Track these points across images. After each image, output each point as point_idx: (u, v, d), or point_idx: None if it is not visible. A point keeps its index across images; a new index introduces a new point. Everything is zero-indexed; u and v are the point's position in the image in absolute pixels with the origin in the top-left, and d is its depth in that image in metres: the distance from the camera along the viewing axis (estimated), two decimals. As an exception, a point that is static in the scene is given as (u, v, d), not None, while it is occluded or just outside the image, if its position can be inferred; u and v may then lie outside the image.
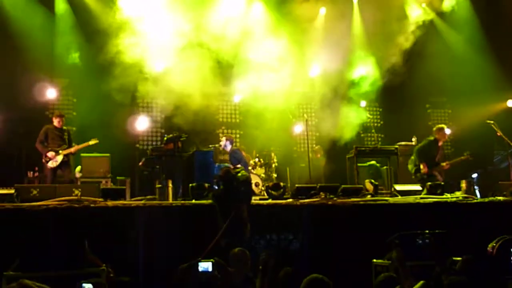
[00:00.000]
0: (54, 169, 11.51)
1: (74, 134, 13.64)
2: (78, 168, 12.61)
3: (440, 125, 12.64)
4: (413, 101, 16.30)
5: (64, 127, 11.90)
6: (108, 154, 12.89)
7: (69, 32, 14.17)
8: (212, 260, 6.39)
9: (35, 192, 9.09)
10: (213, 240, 7.57)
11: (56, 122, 11.76)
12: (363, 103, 15.74)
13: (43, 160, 11.57)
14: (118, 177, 12.59)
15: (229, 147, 12.61)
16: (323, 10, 15.69)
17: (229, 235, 7.76)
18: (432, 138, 12.15)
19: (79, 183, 11.97)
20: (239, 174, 8.33)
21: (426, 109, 17.60)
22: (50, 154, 11.48)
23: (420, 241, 6.80)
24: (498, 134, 12.23)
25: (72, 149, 11.68)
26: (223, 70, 14.35)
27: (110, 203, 8.87)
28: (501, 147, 13.69)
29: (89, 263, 6.90)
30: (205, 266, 6.27)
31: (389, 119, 16.84)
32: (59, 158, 11.51)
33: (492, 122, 12.37)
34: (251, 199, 8.68)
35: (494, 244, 5.83)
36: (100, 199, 9.00)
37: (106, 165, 12.71)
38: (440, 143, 12.17)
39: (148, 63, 14.48)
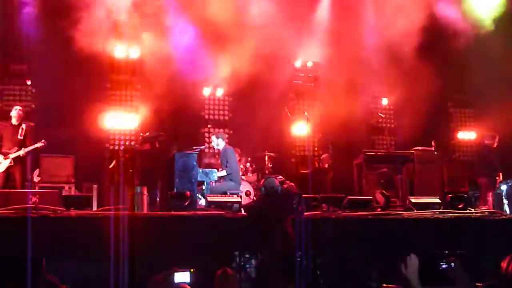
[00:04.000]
0: (4, 174, 11.43)
1: (32, 130, 13.66)
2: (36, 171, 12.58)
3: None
4: (432, 99, 16.32)
5: (22, 125, 11.79)
6: (72, 156, 12.82)
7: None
8: (190, 270, 6.42)
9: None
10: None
11: (13, 118, 11.72)
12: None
13: None
14: (84, 182, 12.55)
15: (222, 145, 12.56)
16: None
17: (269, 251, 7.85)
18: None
19: (37, 188, 11.90)
20: (286, 185, 8.48)
21: (447, 109, 17.62)
22: None
23: (445, 265, 6.81)
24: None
25: (20, 152, 11.56)
26: (209, 58, 14.39)
27: (73, 212, 8.84)
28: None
29: (46, 285, 6.86)
30: (182, 277, 6.31)
31: (403, 119, 16.85)
32: (6, 162, 11.44)
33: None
34: (300, 212, 8.79)
35: (509, 261, 5.83)
36: (62, 208, 8.96)
37: (69, 168, 12.62)
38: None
39: (121, 49, 14.58)
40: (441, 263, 7.36)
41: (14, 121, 11.74)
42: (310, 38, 15.65)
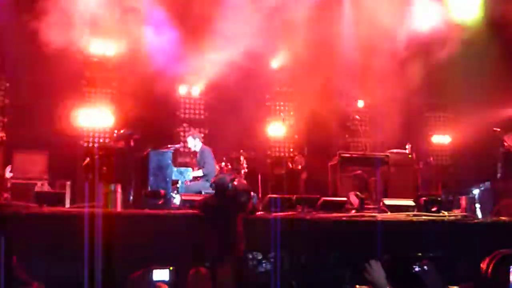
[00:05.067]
0: None
1: (4, 125, 13.54)
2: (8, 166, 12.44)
3: None
4: (408, 102, 16.44)
5: None
6: (45, 151, 12.71)
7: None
8: (169, 268, 6.39)
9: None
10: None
11: None
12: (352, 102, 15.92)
13: None
14: (57, 179, 12.44)
15: (199, 146, 12.54)
16: None
17: (220, 249, 7.81)
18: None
19: (8, 184, 11.78)
20: (236, 182, 8.44)
21: (422, 113, 17.77)
22: None
23: (418, 268, 6.85)
24: (506, 144, 12.41)
25: None
26: (187, 52, 14.35)
27: (46, 209, 8.76)
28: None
29: (17, 282, 6.80)
30: (161, 274, 6.27)
31: (379, 121, 16.95)
32: None
33: (499, 130, 12.54)
34: (250, 210, 8.74)
35: (489, 263, 5.87)
36: (34, 205, 8.88)
37: (42, 165, 12.55)
38: None
39: (97, 46, 14.50)
40: (414, 266, 7.42)
41: None
42: (287, 39, 15.66)
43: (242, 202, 8.56)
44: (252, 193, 11.85)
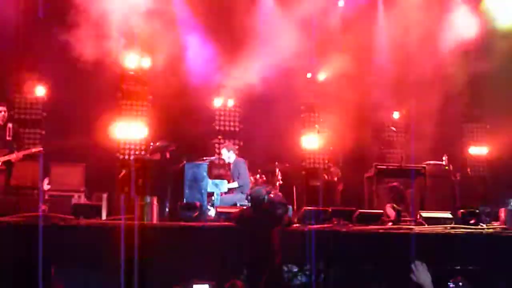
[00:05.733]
0: None
1: (42, 138, 13.74)
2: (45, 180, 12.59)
3: None
4: (445, 113, 16.28)
5: (9, 125, 11.46)
6: (82, 164, 12.86)
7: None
8: (208, 284, 6.42)
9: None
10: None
11: None
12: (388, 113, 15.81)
13: None
14: (93, 191, 12.55)
15: (233, 158, 12.58)
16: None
17: (256, 262, 7.82)
18: None
19: (46, 196, 11.92)
20: (272, 194, 8.47)
21: (459, 123, 17.56)
22: None
23: (453, 285, 6.77)
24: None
25: (12, 156, 10.95)
26: (222, 64, 14.44)
27: (83, 221, 8.84)
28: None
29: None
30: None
31: (415, 133, 16.80)
32: None
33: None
34: (286, 223, 8.74)
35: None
36: (72, 217, 8.97)
37: (79, 177, 12.67)
38: None
39: (133, 59, 14.66)
40: (449, 283, 7.34)
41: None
42: (323, 51, 15.66)
43: (279, 215, 8.56)
44: (287, 206, 11.88)
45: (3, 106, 11.29)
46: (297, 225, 9.79)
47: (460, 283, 7.14)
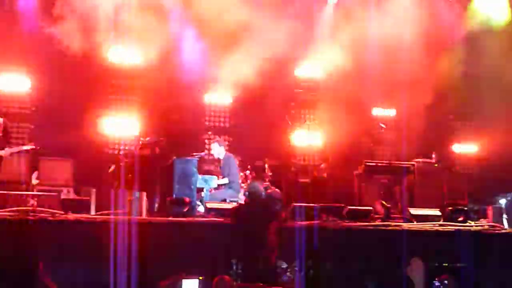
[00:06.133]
0: None
1: (31, 132, 13.67)
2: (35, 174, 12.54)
3: None
4: (434, 111, 16.32)
5: (1, 121, 11.41)
6: (71, 159, 12.81)
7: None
8: (199, 277, 6.42)
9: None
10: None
11: None
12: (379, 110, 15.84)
13: None
14: (82, 186, 12.51)
15: (223, 154, 12.59)
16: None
17: (251, 258, 7.84)
18: None
19: (35, 191, 11.87)
20: (269, 190, 8.49)
21: (448, 121, 17.61)
22: None
23: (438, 283, 6.81)
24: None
25: (2, 152, 11.02)
26: (212, 60, 14.41)
27: (71, 216, 8.83)
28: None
29: None
30: (190, 284, 6.29)
31: (405, 130, 16.84)
32: None
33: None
34: (284, 219, 8.75)
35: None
36: (60, 212, 8.95)
37: (68, 172, 12.63)
38: None
39: (123, 52, 14.62)
40: (434, 281, 7.38)
41: None
42: (313, 47, 15.66)
43: (276, 211, 8.56)
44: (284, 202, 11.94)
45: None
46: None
47: (446, 281, 7.18)
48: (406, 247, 9.09)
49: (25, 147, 11.46)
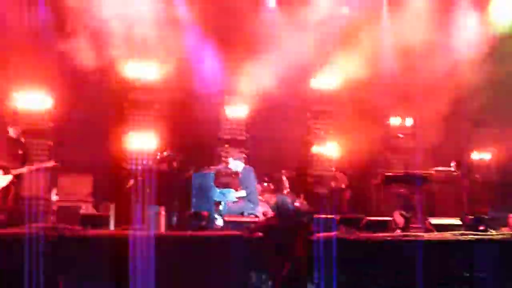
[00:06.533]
0: (2, 190, 11.05)
1: (50, 149, 13.76)
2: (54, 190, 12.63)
3: None
4: (452, 118, 16.22)
5: (21, 139, 11.61)
6: (90, 174, 12.88)
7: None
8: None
9: (1, 216, 9.12)
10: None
11: (11, 131, 11.46)
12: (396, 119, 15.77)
13: None
14: (101, 201, 12.57)
15: (241, 167, 12.57)
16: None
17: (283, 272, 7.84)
18: None
19: (54, 207, 11.95)
20: (297, 203, 8.49)
21: (467, 129, 17.48)
22: None
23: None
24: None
25: (24, 169, 11.27)
26: (228, 74, 14.46)
27: (91, 232, 8.85)
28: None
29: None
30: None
31: (423, 139, 16.75)
32: (7, 178, 11.05)
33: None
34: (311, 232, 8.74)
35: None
36: (79, 227, 8.97)
37: (87, 187, 12.71)
38: None
39: (139, 68, 14.71)
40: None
41: (12, 134, 11.43)
42: (328, 57, 15.66)
43: (305, 223, 8.53)
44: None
45: (18, 124, 11.49)
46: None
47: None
48: (426, 257, 9.00)
49: (45, 165, 11.56)
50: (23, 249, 8.08)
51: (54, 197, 12.57)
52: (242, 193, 12.03)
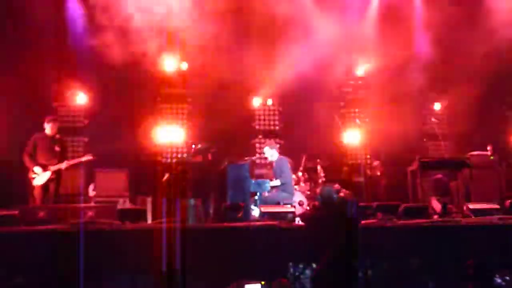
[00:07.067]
0: (42, 187, 11.31)
1: (86, 145, 13.92)
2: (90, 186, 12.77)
3: None
4: (487, 101, 15.99)
5: (57, 136, 11.78)
6: (126, 169, 12.99)
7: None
8: (261, 282, 6.43)
9: (42, 213, 9.24)
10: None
11: (48, 128, 11.54)
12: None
13: (29, 176, 11.32)
14: (138, 195, 12.66)
15: (276, 156, 12.56)
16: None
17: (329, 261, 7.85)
18: None
19: (92, 203, 12.08)
20: (342, 193, 8.49)
21: (503, 112, 17.23)
22: (37, 169, 11.25)
23: (500, 280, 6.63)
24: None
25: (62, 165, 11.42)
26: (260, 63, 14.42)
27: (129, 226, 8.94)
28: None
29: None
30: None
31: (458, 123, 16.57)
32: (47, 174, 11.27)
33: None
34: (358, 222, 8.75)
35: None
36: (117, 222, 9.07)
37: (123, 182, 12.80)
38: None
39: (171, 62, 14.77)
40: (495, 278, 7.20)
41: (48, 131, 11.53)
42: (360, 45, 15.55)
43: (351, 214, 8.50)
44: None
45: (55, 119, 11.65)
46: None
47: (507, 277, 6.99)
48: (465, 242, 8.93)
49: (83, 159, 11.71)
50: (65, 244, 8.22)
51: (91, 193, 12.69)
52: (277, 182, 12.03)
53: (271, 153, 12.58)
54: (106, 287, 7.70)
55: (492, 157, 13.14)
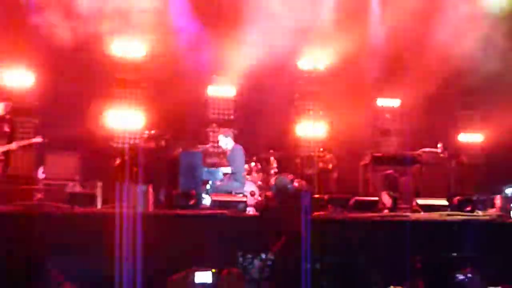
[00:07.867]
0: None
1: (36, 127, 13.66)
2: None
3: None
4: (439, 100, 16.23)
5: (7, 116, 11.50)
6: (77, 153, 12.81)
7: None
8: (212, 270, 6.40)
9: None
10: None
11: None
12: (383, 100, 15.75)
13: None
14: (88, 179, 12.51)
15: (231, 144, 12.48)
16: None
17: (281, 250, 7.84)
18: None
19: (41, 185, 11.87)
20: (296, 183, 8.49)
21: (454, 111, 17.52)
22: None
23: (462, 276, 6.71)
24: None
25: (12, 146, 11.00)
26: (216, 52, 14.37)
27: (78, 210, 8.81)
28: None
29: (50, 282, 6.85)
30: (204, 276, 6.26)
31: (410, 120, 16.79)
32: None
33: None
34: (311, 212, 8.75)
35: None
36: (66, 205, 8.94)
37: (73, 166, 12.63)
38: None
39: (126, 46, 14.61)
40: (457, 275, 7.32)
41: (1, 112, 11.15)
42: (316, 37, 15.59)
43: (304, 203, 8.53)
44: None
45: (8, 99, 11.39)
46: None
47: (469, 275, 7.09)
48: (414, 237, 9.05)
49: (33, 140, 11.46)
50: (11, 227, 8.07)
51: (40, 175, 12.47)
52: (228, 169, 11.97)
53: (225, 141, 12.50)
54: (54, 272, 7.56)
55: (442, 155, 13.36)
